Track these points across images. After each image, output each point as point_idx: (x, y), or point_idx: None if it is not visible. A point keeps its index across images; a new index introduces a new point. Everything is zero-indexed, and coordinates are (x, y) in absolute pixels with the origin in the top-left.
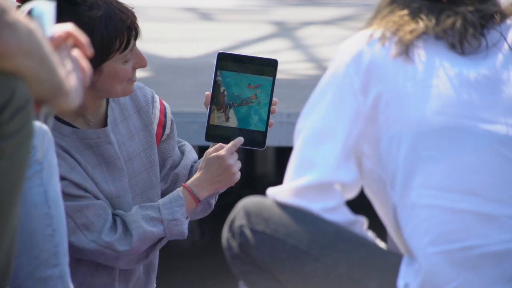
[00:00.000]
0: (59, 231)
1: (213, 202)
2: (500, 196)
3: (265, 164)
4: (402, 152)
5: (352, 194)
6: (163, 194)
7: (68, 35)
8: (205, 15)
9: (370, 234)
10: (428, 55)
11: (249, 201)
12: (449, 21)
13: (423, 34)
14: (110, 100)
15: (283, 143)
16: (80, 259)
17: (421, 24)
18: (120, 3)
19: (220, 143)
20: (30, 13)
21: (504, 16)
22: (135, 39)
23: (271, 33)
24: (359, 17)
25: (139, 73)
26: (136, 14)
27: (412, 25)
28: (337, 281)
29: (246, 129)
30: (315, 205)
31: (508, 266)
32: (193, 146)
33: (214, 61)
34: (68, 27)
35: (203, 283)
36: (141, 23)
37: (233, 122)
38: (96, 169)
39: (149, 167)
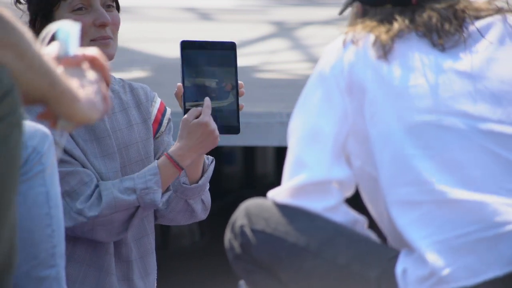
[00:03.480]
0: (58, 231)
1: (198, 207)
2: (490, 188)
3: (265, 164)
4: (390, 150)
5: (349, 191)
6: None
7: (92, 58)
8: (205, 15)
9: (371, 234)
10: (409, 53)
11: (250, 203)
12: (424, 18)
13: (402, 33)
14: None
15: (283, 143)
16: (77, 240)
17: (396, 24)
18: None
19: (194, 108)
20: (56, 33)
21: (477, 11)
22: None
23: (271, 33)
24: None
25: (139, 73)
26: (136, 14)
27: (387, 26)
28: (337, 273)
29: (219, 117)
30: (316, 205)
31: (505, 249)
32: None
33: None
34: (93, 51)
35: (203, 283)
36: (141, 23)
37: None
38: (87, 144)
39: (145, 157)
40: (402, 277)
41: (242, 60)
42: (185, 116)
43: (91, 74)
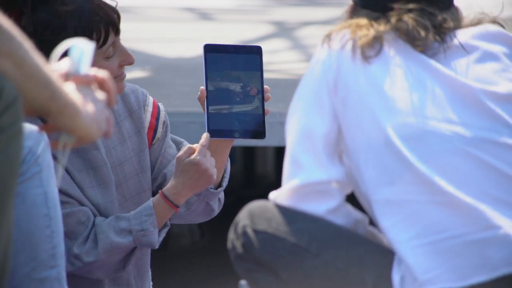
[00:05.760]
0: (57, 232)
1: (216, 206)
2: (474, 193)
3: (265, 164)
4: (375, 150)
5: (349, 189)
6: (153, 196)
7: (101, 80)
8: (205, 15)
9: (374, 231)
10: (396, 57)
11: (253, 205)
12: (403, 24)
13: (389, 36)
14: None
15: (283, 143)
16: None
17: (372, 30)
18: None
19: (189, 145)
20: (69, 50)
21: (459, 23)
22: (116, 34)
23: (271, 33)
24: None
25: (139, 73)
26: (136, 14)
27: (365, 31)
28: (336, 276)
29: (244, 121)
30: (317, 208)
31: (492, 253)
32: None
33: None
34: (103, 73)
35: (203, 283)
36: (141, 23)
37: (230, 117)
38: (82, 174)
39: (140, 172)
40: (400, 284)
41: None
42: (179, 153)
43: (99, 94)
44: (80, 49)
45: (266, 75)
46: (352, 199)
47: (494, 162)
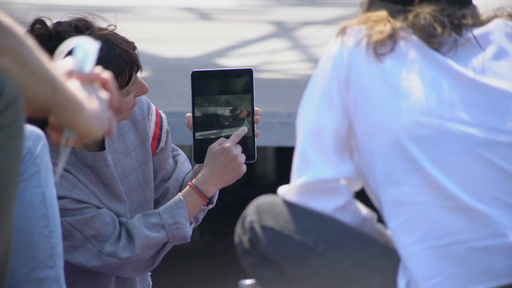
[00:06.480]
0: (55, 232)
1: (201, 217)
2: (483, 196)
3: (265, 164)
4: (382, 151)
5: (357, 186)
6: (154, 206)
7: (104, 81)
8: (205, 15)
9: (382, 228)
10: (410, 54)
11: (261, 200)
12: (419, 20)
13: (404, 33)
14: None
15: (283, 143)
16: (77, 271)
17: (388, 26)
18: (119, 37)
19: (223, 137)
20: (74, 48)
21: (476, 20)
22: (136, 72)
23: (271, 33)
24: None
25: (139, 74)
26: (136, 14)
27: (381, 27)
28: (341, 277)
29: None
30: (325, 206)
31: (495, 261)
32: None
33: (214, 61)
34: (107, 74)
35: (203, 283)
36: (141, 23)
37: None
38: (95, 186)
39: (143, 183)
40: None
41: (242, 60)
42: (212, 144)
43: (103, 93)
44: (84, 48)
45: (266, 75)
46: (361, 196)
47: (505, 166)
